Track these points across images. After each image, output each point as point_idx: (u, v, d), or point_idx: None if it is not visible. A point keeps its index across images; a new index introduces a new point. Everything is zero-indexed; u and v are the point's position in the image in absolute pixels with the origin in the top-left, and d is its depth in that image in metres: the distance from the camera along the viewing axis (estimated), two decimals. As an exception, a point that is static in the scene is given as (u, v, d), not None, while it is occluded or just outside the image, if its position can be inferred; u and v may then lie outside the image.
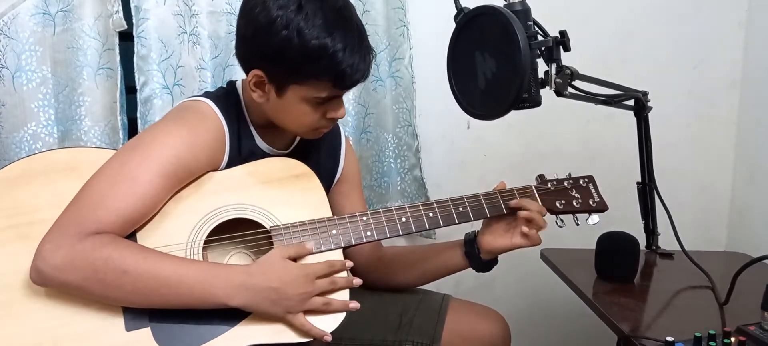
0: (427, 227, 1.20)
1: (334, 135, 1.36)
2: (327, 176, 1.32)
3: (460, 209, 1.22)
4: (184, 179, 1.10)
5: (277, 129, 1.21)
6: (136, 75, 1.53)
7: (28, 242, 1.01)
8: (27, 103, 1.50)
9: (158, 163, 1.05)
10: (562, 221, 1.29)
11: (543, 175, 1.32)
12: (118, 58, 1.52)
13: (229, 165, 1.16)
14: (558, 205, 1.28)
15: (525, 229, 1.21)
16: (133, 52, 1.53)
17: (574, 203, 1.29)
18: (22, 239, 1.02)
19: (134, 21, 1.51)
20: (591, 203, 1.30)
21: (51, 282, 0.99)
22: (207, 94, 1.20)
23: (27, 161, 1.09)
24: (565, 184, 1.31)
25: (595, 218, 1.29)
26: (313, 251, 1.12)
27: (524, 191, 1.28)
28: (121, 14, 1.50)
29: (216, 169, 1.15)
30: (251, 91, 1.13)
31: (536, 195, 1.28)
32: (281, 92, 1.11)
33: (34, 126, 1.51)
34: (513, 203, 1.24)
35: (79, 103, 1.53)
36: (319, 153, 1.31)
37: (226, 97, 1.20)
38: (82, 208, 1.01)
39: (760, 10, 1.84)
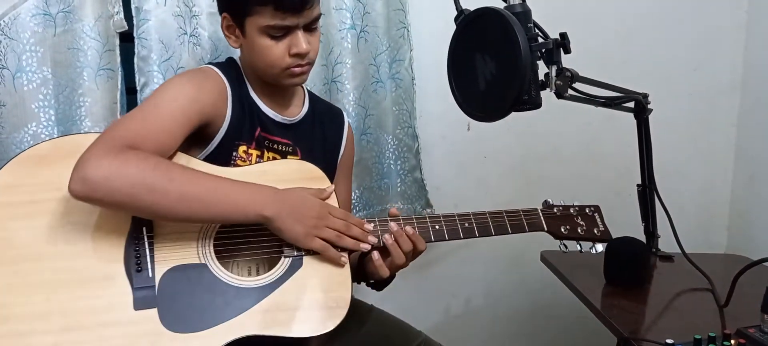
0: (433, 240, 1.23)
1: (338, 116, 1.44)
2: (331, 150, 1.38)
3: (466, 224, 1.25)
4: (195, 117, 1.16)
5: (276, 93, 1.29)
6: (137, 76, 1.53)
7: (49, 217, 1.05)
8: (27, 104, 1.50)
9: (174, 99, 1.14)
10: (565, 246, 1.31)
11: (548, 200, 1.35)
12: (118, 59, 1.52)
13: (233, 122, 1.22)
14: (563, 230, 1.31)
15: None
16: (133, 53, 1.53)
17: (579, 230, 1.32)
18: (44, 214, 1.06)
19: (135, 22, 1.51)
20: (595, 232, 1.33)
21: (97, 190, 1.00)
22: (209, 63, 1.30)
23: (57, 142, 1.14)
24: (571, 211, 1.34)
25: (599, 247, 1.32)
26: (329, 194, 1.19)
27: (530, 214, 1.30)
28: (121, 15, 1.50)
29: (220, 124, 1.21)
30: (227, 38, 1.26)
31: (542, 218, 1.31)
32: (243, 30, 1.22)
33: (34, 127, 1.51)
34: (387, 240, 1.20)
35: (80, 104, 1.53)
36: (324, 129, 1.38)
37: (226, 64, 1.31)
38: (119, 128, 1.08)
39: (760, 13, 1.84)
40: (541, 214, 1.31)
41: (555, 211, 1.33)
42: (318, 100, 1.44)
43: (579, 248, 1.32)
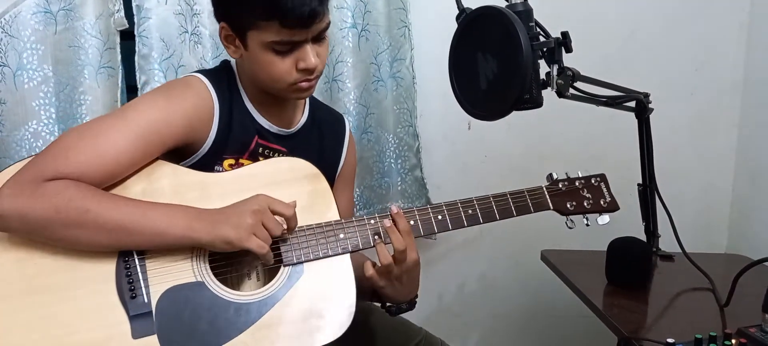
0: (436, 231, 1.19)
1: (339, 124, 1.36)
2: (330, 163, 1.31)
3: (470, 211, 1.20)
4: (156, 146, 1.09)
5: (275, 104, 1.21)
6: (138, 74, 1.53)
7: (33, 250, 1.01)
8: (28, 102, 1.50)
9: (127, 127, 1.06)
10: (572, 222, 1.27)
11: (552, 174, 1.29)
12: (119, 57, 1.53)
13: (219, 137, 1.15)
14: (569, 206, 1.26)
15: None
16: (134, 51, 1.53)
17: (585, 204, 1.27)
18: (26, 246, 1.01)
19: (136, 20, 1.51)
20: (602, 202, 1.28)
21: (12, 225, 0.98)
22: (200, 70, 1.21)
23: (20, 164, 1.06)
24: (577, 184, 1.29)
25: (605, 218, 1.27)
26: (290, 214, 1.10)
27: (534, 194, 1.25)
28: (122, 13, 1.50)
29: (202, 141, 1.14)
30: (226, 47, 1.16)
31: (547, 197, 1.26)
32: (245, 43, 1.12)
33: (35, 124, 1.51)
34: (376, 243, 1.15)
35: (81, 102, 1.53)
36: (322, 139, 1.31)
37: (218, 72, 1.21)
38: (45, 157, 1.02)
39: (762, 12, 1.84)
40: (545, 192, 1.26)
41: (560, 186, 1.28)
42: (319, 106, 1.36)
43: (585, 222, 1.27)
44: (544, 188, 1.27)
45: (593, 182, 1.31)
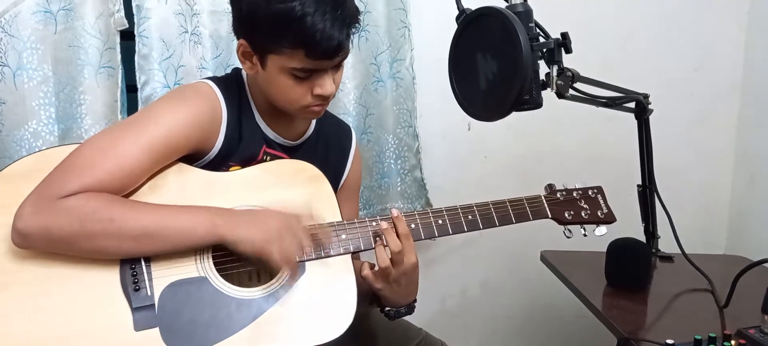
0: (437, 235, 1.20)
1: (346, 137, 1.36)
2: (333, 176, 1.31)
3: (470, 217, 1.22)
4: (172, 155, 1.10)
5: (283, 117, 1.21)
6: (137, 74, 1.53)
7: None
8: (28, 102, 1.50)
9: (148, 142, 1.06)
10: (569, 231, 1.29)
11: (552, 184, 1.32)
12: (119, 57, 1.52)
13: (226, 146, 1.16)
14: (567, 215, 1.29)
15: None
16: (134, 51, 1.52)
17: (583, 214, 1.30)
18: None
19: (136, 20, 1.51)
20: (599, 214, 1.31)
21: (36, 242, 0.98)
22: (210, 78, 1.21)
23: (32, 159, 1.08)
24: (574, 194, 1.32)
25: (602, 229, 1.30)
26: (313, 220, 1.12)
27: (533, 202, 1.27)
28: (122, 13, 1.50)
29: (209, 149, 1.15)
30: (241, 62, 1.15)
31: (545, 205, 1.28)
32: (263, 63, 1.12)
33: (34, 124, 1.51)
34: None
35: (80, 102, 1.53)
36: (328, 151, 1.31)
37: (228, 80, 1.21)
38: (67, 171, 1.01)
39: (761, 13, 1.84)
40: (544, 201, 1.28)
41: (558, 196, 1.30)
42: (327, 117, 1.33)
43: (583, 232, 1.29)
44: (543, 197, 1.29)
45: (590, 193, 1.34)
